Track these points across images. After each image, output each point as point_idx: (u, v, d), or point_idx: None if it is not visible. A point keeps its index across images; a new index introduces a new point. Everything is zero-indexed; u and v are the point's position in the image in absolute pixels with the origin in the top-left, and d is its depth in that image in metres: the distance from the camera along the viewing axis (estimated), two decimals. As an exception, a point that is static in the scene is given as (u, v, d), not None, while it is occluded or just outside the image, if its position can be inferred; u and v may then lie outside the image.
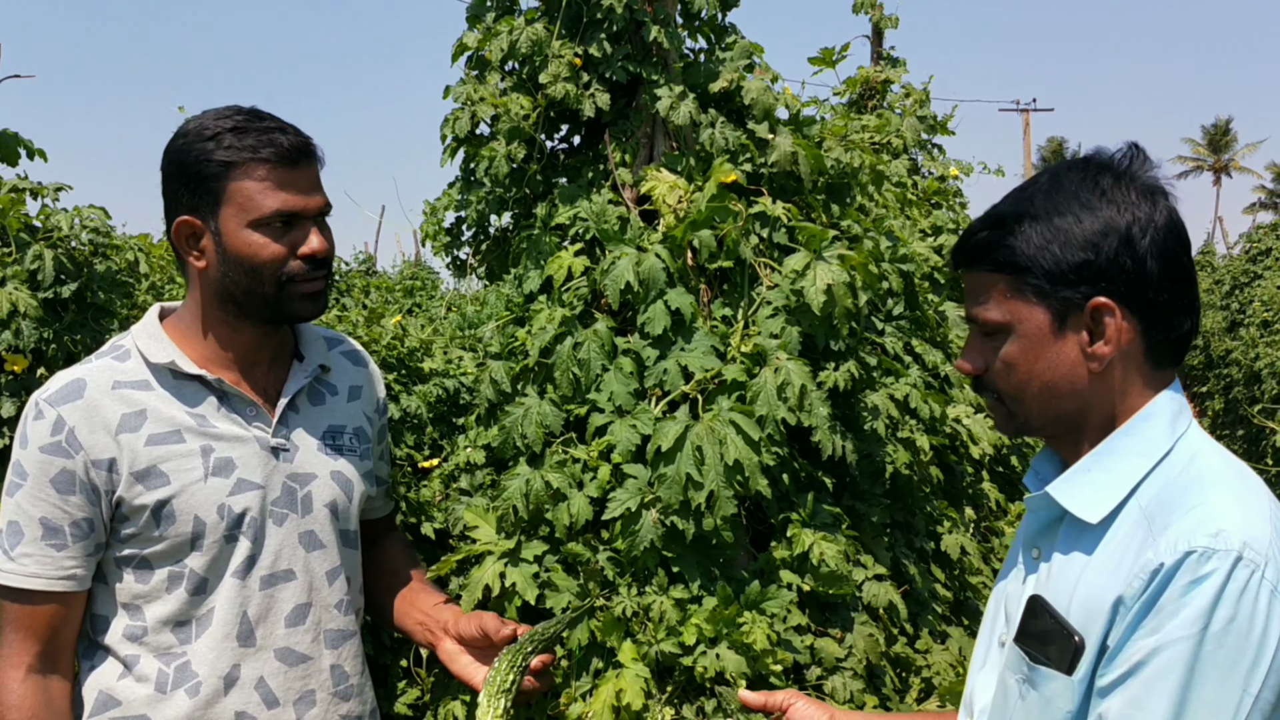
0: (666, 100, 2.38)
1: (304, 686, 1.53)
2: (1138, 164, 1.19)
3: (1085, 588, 1.14)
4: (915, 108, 5.51)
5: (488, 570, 2.10)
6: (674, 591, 2.15)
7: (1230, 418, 10.72)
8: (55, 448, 1.42)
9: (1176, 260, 1.15)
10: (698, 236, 2.32)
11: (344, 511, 1.61)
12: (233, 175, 1.45)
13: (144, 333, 1.52)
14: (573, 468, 2.20)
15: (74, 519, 1.43)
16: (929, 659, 2.71)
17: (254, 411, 1.53)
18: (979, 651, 1.35)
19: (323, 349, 1.68)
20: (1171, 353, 1.18)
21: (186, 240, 1.50)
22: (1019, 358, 1.20)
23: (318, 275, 1.51)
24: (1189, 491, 1.12)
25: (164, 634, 1.47)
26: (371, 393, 1.74)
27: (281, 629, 1.52)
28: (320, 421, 1.62)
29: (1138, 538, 1.12)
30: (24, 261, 2.88)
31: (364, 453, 1.67)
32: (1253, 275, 12.45)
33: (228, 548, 1.48)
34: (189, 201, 1.48)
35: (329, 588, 1.58)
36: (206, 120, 1.49)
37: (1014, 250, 1.18)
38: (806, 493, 2.39)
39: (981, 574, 3.69)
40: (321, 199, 1.52)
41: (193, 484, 1.46)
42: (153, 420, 1.46)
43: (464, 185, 2.51)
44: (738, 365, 2.25)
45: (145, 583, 1.47)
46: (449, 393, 4.55)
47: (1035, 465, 1.31)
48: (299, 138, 1.51)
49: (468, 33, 2.54)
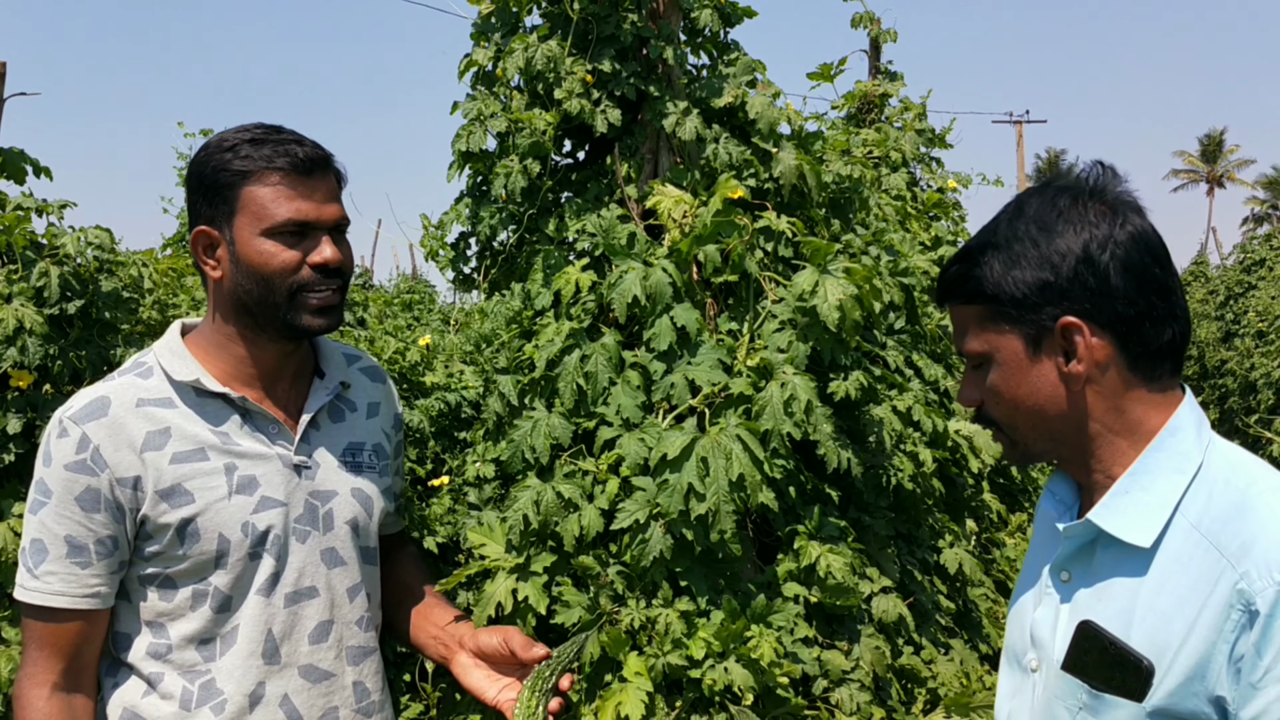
0: (672, 117, 2.40)
1: (327, 704, 1.54)
2: (1102, 182, 1.20)
3: (1149, 612, 1.12)
4: (914, 121, 5.55)
5: (500, 586, 2.11)
6: (679, 604, 2.16)
7: (1226, 428, 10.75)
8: (80, 465, 1.42)
9: (1146, 272, 1.15)
10: (703, 251, 2.34)
11: (364, 528, 1.62)
12: (247, 183, 1.46)
13: (167, 349, 1.52)
14: (582, 480, 2.21)
15: (98, 537, 1.43)
16: (934, 669, 2.71)
17: (276, 429, 1.54)
18: (1005, 679, 1.33)
19: (343, 365, 1.68)
20: (1160, 363, 1.18)
21: (204, 250, 1.51)
22: (1002, 385, 1.21)
23: (330, 286, 1.50)
24: (1250, 507, 1.11)
25: (188, 651, 1.47)
26: (389, 409, 1.74)
27: (305, 646, 1.52)
28: (341, 439, 1.62)
29: (1199, 558, 1.11)
30: (30, 278, 2.89)
31: (383, 469, 1.68)
32: (1247, 285, 12.50)
33: (251, 565, 1.48)
34: (206, 212, 1.49)
35: (350, 604, 1.58)
36: (228, 134, 1.51)
37: (981, 281, 1.20)
38: (813, 505, 2.40)
39: (983, 586, 3.70)
40: (337, 210, 1.52)
41: (217, 502, 1.46)
42: (177, 438, 1.47)
43: (474, 201, 2.53)
44: (744, 379, 2.26)
45: (169, 600, 1.47)
46: (451, 407, 4.56)
47: (1051, 488, 1.30)
48: (317, 151, 1.51)
49: (477, 49, 2.56)
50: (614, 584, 2.15)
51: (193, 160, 1.52)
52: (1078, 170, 1.23)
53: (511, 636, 1.62)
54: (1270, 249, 12.64)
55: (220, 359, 1.53)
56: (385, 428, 1.72)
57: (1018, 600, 1.34)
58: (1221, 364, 11.76)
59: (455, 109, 2.52)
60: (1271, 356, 10.24)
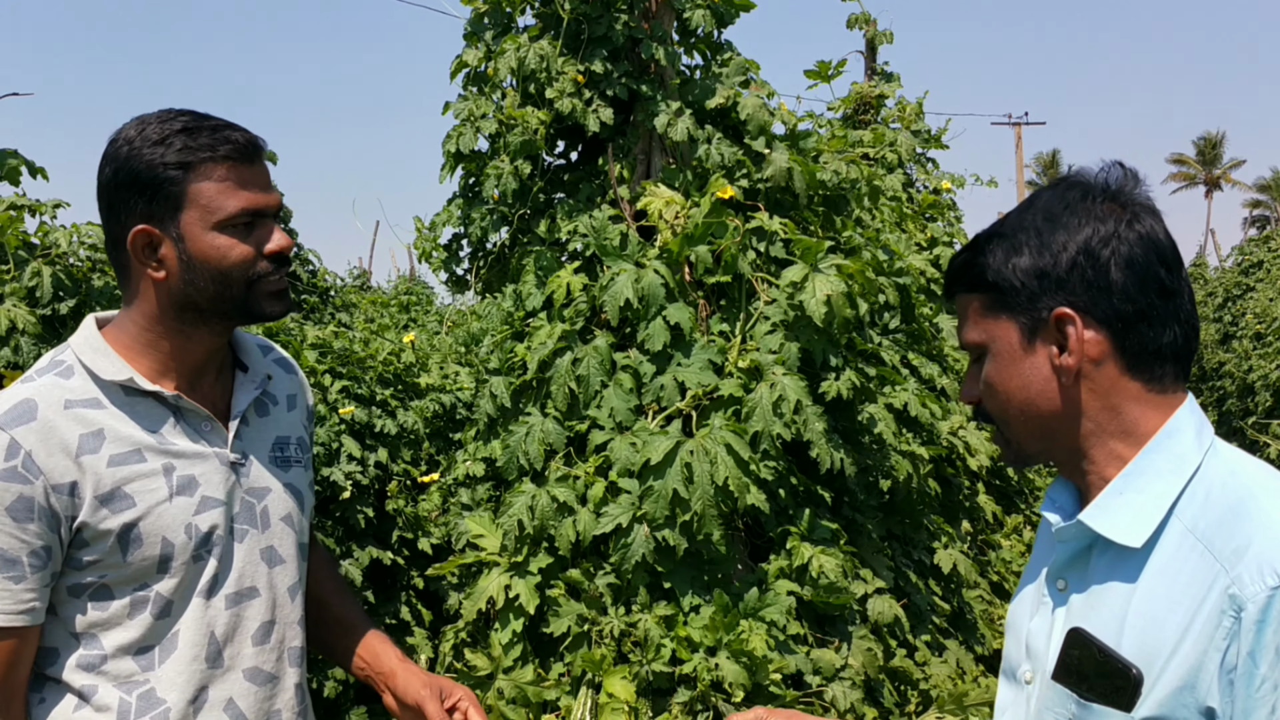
0: (664, 117, 2.40)
1: (271, 707, 1.50)
2: (1119, 182, 1.19)
3: (1139, 618, 1.10)
4: (911, 121, 5.54)
5: (493, 581, 2.11)
6: (659, 609, 2.15)
7: (1224, 430, 10.75)
8: (11, 473, 1.33)
9: (1149, 270, 1.13)
10: (695, 251, 2.33)
11: (299, 524, 1.58)
12: (191, 177, 1.39)
13: (87, 347, 1.44)
14: (574, 484, 2.21)
15: (32, 548, 1.35)
16: (927, 671, 2.71)
17: (210, 426, 1.48)
18: (1002, 693, 1.31)
19: (260, 357, 1.64)
20: (1159, 364, 1.16)
21: (143, 250, 1.42)
22: (996, 377, 1.19)
23: (282, 272, 1.47)
24: (1246, 510, 1.08)
25: (124, 661, 1.40)
26: (304, 401, 1.70)
27: (249, 648, 1.48)
28: (268, 434, 1.58)
29: (1192, 562, 1.08)
30: (22, 279, 2.89)
31: (307, 463, 1.64)
32: (1245, 288, 12.51)
33: (195, 568, 1.43)
34: (144, 209, 1.40)
35: (291, 604, 1.54)
36: (148, 125, 1.42)
37: (983, 268, 1.19)
38: (805, 506, 2.40)
39: (978, 588, 3.70)
40: (278, 196, 1.50)
41: (158, 505, 1.40)
42: (111, 440, 1.39)
43: (465, 202, 2.53)
44: (734, 380, 2.26)
45: (104, 610, 1.40)
46: (445, 408, 4.55)
47: (1051, 494, 1.27)
48: (249, 134, 1.46)
49: (467, 49, 2.56)
50: (604, 596, 2.15)
51: (113, 156, 1.42)
52: (1096, 168, 1.23)
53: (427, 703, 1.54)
54: (1268, 251, 12.66)
55: (147, 356, 1.46)
56: (303, 420, 1.68)
57: (1015, 611, 1.32)
58: (1219, 366, 11.77)
59: (447, 109, 2.52)
60: (1269, 359, 10.24)
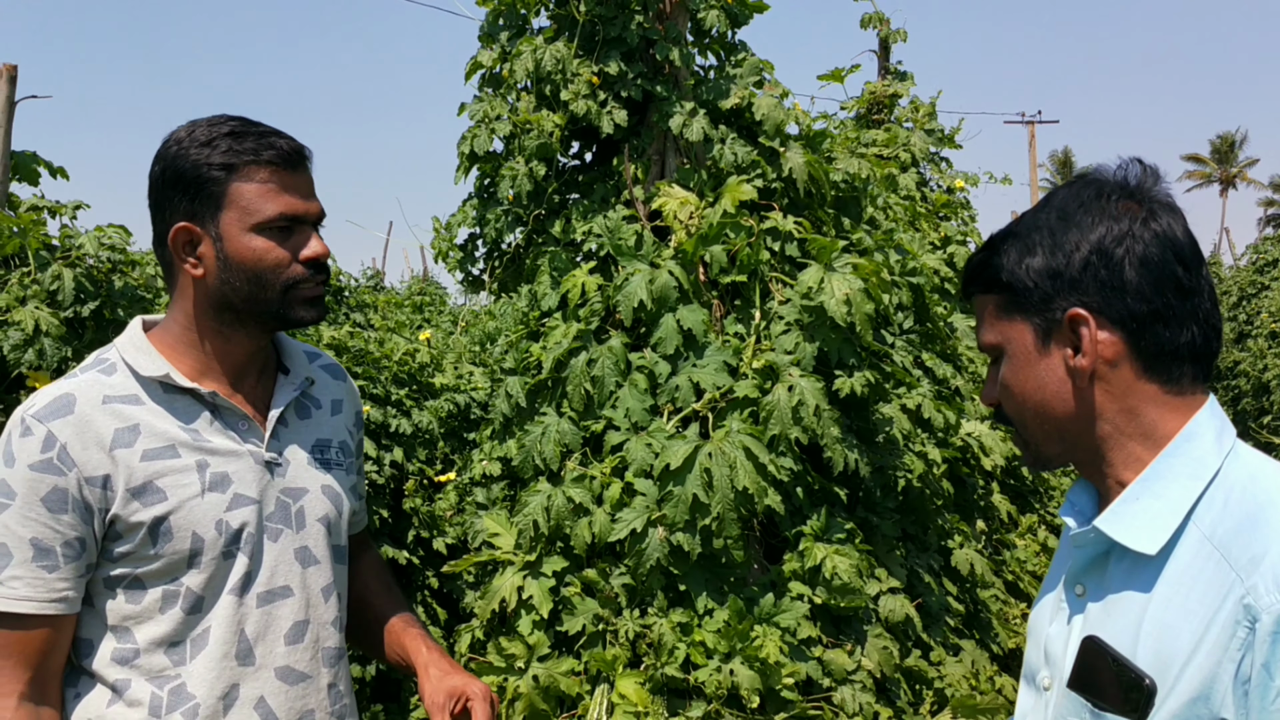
0: (679, 118, 2.40)
1: (304, 706, 1.51)
2: (1133, 178, 1.17)
3: (1155, 626, 1.08)
4: (925, 120, 5.53)
5: (507, 581, 2.12)
6: (675, 615, 2.14)
7: (1239, 430, 10.68)
8: (46, 465, 1.37)
9: (1165, 269, 1.11)
10: (709, 251, 2.34)
11: (335, 526, 1.60)
12: (233, 178, 1.43)
13: (130, 345, 1.48)
14: (591, 484, 2.22)
15: (66, 539, 1.38)
16: (942, 670, 2.71)
17: (246, 425, 1.51)
18: (1022, 699, 1.30)
19: (305, 362, 1.66)
20: (1177, 365, 1.14)
21: (183, 248, 1.46)
22: (1012, 379, 1.18)
23: (319, 279, 1.50)
24: (1265, 518, 1.06)
25: (156, 655, 1.43)
26: (352, 407, 1.73)
27: (281, 647, 1.49)
28: (308, 435, 1.61)
29: (1209, 570, 1.06)
30: (44, 281, 2.92)
31: (349, 467, 1.67)
32: (1260, 286, 12.43)
33: (225, 564, 1.45)
34: (186, 207, 1.45)
35: (325, 604, 1.56)
36: (199, 127, 1.47)
37: (998, 269, 1.18)
38: (820, 506, 2.40)
39: (993, 587, 3.69)
40: (319, 205, 1.52)
41: (190, 500, 1.43)
42: (146, 435, 1.43)
43: (480, 203, 2.54)
44: (750, 381, 2.26)
45: (137, 603, 1.43)
46: (460, 408, 4.57)
47: (1071, 497, 1.26)
48: (295, 143, 1.50)
49: (482, 51, 2.57)
50: (619, 597, 2.15)
51: (163, 155, 1.47)
52: (1112, 167, 1.21)
53: (434, 715, 1.54)
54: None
55: (188, 355, 1.50)
56: (349, 425, 1.70)
57: (1035, 616, 1.31)
58: (1234, 365, 11.70)
59: (462, 110, 2.53)
60: (1285, 357, 10.18)
